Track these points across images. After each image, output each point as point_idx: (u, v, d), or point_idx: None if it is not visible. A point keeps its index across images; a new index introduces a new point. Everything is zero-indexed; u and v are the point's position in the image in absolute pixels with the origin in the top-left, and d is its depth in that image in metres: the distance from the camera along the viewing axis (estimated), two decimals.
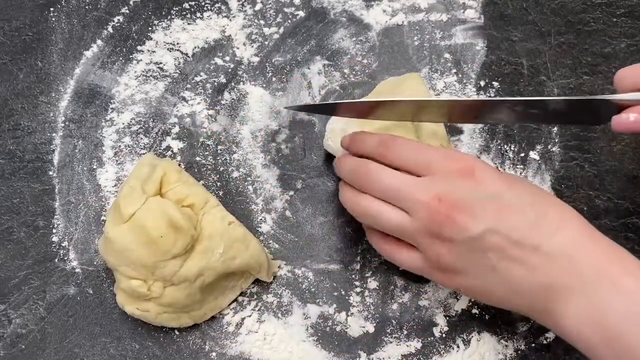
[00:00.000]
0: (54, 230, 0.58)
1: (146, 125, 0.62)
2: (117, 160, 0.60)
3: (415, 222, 0.46)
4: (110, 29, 0.65)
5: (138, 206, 0.51)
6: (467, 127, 0.62)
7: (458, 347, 0.55)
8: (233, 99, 0.63)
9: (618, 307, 0.41)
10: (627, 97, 0.45)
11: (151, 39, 0.65)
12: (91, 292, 0.56)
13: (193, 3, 0.66)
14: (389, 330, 0.55)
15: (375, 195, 0.48)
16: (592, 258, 0.43)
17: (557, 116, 0.49)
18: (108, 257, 0.52)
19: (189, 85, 0.63)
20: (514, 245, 0.44)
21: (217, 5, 0.66)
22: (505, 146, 0.61)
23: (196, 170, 0.60)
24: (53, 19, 0.65)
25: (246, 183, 0.60)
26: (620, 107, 0.45)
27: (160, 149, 0.61)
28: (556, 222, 0.44)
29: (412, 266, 0.49)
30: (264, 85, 0.63)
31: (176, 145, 0.61)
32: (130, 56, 0.64)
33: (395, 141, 0.49)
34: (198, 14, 0.66)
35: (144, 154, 0.60)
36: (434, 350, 0.55)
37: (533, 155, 0.61)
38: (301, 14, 0.66)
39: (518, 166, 0.61)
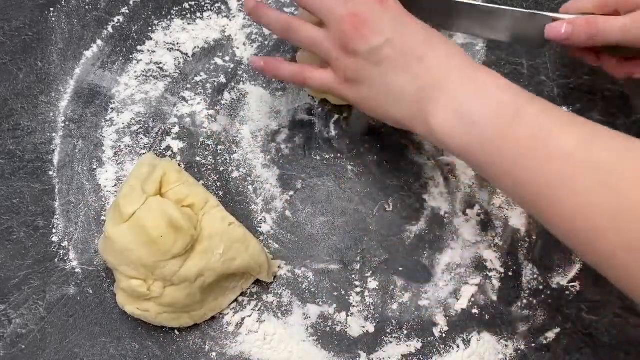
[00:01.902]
0: (54, 230, 0.58)
1: (146, 125, 0.62)
2: (117, 160, 0.60)
3: (330, 35, 0.51)
4: (110, 29, 0.65)
5: (138, 206, 0.51)
6: None
7: (458, 347, 0.55)
8: (233, 99, 0.63)
9: (476, 103, 0.46)
10: (565, 16, 0.53)
11: (151, 39, 0.65)
12: (91, 292, 0.56)
13: (193, 3, 0.66)
14: (389, 330, 0.55)
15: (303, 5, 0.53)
16: (464, 71, 0.48)
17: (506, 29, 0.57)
18: (108, 256, 0.52)
19: (189, 85, 0.63)
20: (403, 55, 0.49)
21: (217, 5, 0.66)
22: None
23: (196, 170, 0.60)
24: (53, 19, 0.65)
25: (246, 183, 0.60)
26: None
27: (160, 149, 0.61)
28: (439, 44, 0.50)
29: (323, 82, 0.53)
30: (264, 85, 0.63)
31: (176, 145, 0.61)
32: (130, 56, 0.64)
33: None
34: (198, 14, 0.66)
35: (144, 154, 0.60)
36: (434, 350, 0.55)
37: None
38: None
39: None
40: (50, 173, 0.60)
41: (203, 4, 0.66)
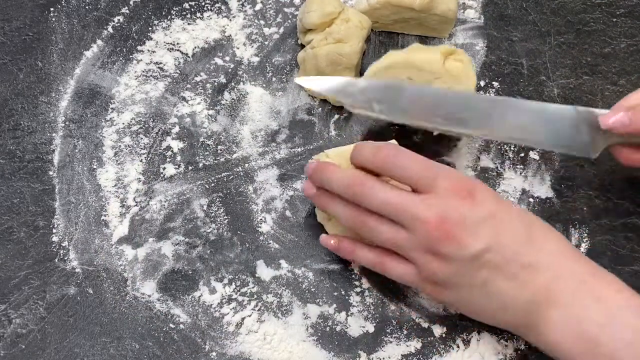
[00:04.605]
0: (54, 230, 0.58)
1: (146, 125, 0.62)
2: (117, 160, 0.60)
3: (412, 238, 0.47)
4: (110, 29, 0.65)
5: None
6: None
7: (458, 347, 0.55)
8: (233, 99, 0.63)
9: (597, 317, 0.44)
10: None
11: (151, 39, 0.65)
12: (91, 292, 0.56)
13: (193, 3, 0.66)
14: (389, 330, 0.55)
15: (372, 209, 0.48)
16: (574, 273, 0.46)
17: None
18: None
19: (189, 85, 0.63)
20: (508, 262, 0.46)
21: (217, 5, 0.66)
22: (505, 146, 0.61)
23: (196, 170, 0.60)
24: (53, 19, 0.65)
25: (246, 183, 0.60)
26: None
27: (160, 149, 0.61)
28: (541, 240, 0.47)
29: (404, 279, 0.50)
30: (264, 85, 0.63)
31: (176, 145, 0.61)
32: (130, 56, 0.64)
33: (399, 154, 0.48)
34: (198, 14, 0.66)
35: (144, 154, 0.60)
36: (434, 350, 0.55)
37: (533, 155, 0.61)
38: None
39: (518, 166, 0.61)
40: (50, 173, 0.60)
41: (203, 4, 0.66)
